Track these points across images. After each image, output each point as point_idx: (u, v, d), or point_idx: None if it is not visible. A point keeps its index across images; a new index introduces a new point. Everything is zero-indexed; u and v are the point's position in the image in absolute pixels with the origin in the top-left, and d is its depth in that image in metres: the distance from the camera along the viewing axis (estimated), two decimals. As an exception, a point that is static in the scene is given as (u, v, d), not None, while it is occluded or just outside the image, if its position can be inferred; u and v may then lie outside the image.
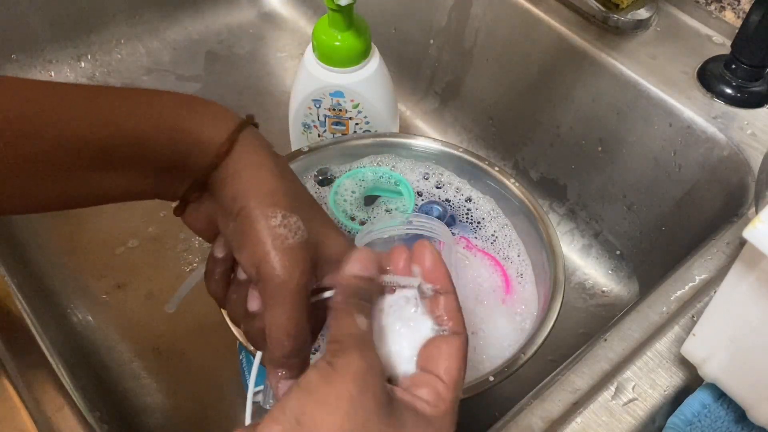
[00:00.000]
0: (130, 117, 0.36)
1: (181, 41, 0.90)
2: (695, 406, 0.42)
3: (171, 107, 0.37)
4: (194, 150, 0.36)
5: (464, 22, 0.76)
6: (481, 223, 0.59)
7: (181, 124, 0.36)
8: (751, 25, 0.58)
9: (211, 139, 0.36)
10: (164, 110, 0.37)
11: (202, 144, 0.36)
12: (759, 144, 0.59)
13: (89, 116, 0.35)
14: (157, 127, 0.36)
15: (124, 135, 0.35)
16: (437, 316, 0.35)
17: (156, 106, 0.37)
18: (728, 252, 0.52)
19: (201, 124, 0.37)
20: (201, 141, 0.36)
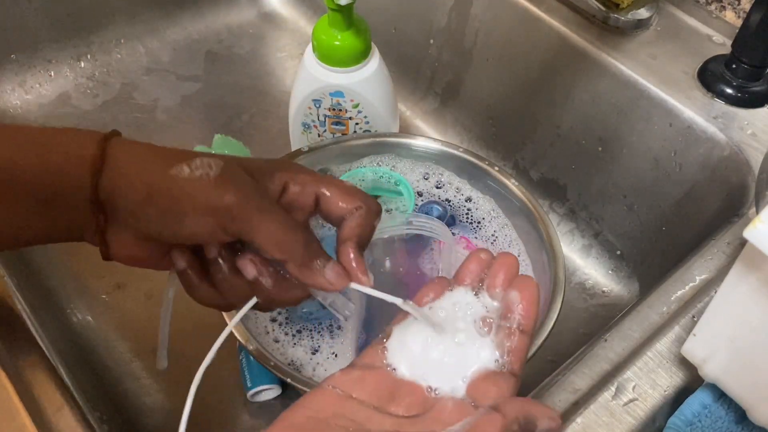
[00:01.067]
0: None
1: (181, 41, 0.90)
2: (695, 407, 0.42)
3: (35, 132, 0.36)
4: (68, 168, 0.35)
5: (464, 22, 0.76)
6: (481, 223, 0.59)
7: (48, 144, 0.35)
8: (751, 24, 0.58)
9: (82, 151, 0.35)
10: (29, 135, 0.36)
11: (74, 158, 0.35)
12: (759, 144, 0.59)
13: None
14: (24, 150, 0.35)
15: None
16: (504, 349, 0.35)
17: (20, 133, 0.36)
18: (728, 252, 0.51)
19: (68, 141, 0.36)
20: (72, 156, 0.35)
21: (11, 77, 0.82)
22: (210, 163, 0.35)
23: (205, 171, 0.35)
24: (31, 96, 0.82)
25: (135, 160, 0.36)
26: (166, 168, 0.35)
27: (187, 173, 0.35)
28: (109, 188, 0.35)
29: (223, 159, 0.36)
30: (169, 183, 0.35)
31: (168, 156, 0.36)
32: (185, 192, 0.34)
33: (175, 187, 0.35)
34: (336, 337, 0.52)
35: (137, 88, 0.85)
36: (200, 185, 0.34)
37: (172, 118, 0.82)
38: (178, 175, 0.35)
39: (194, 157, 0.35)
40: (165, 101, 0.84)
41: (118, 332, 0.65)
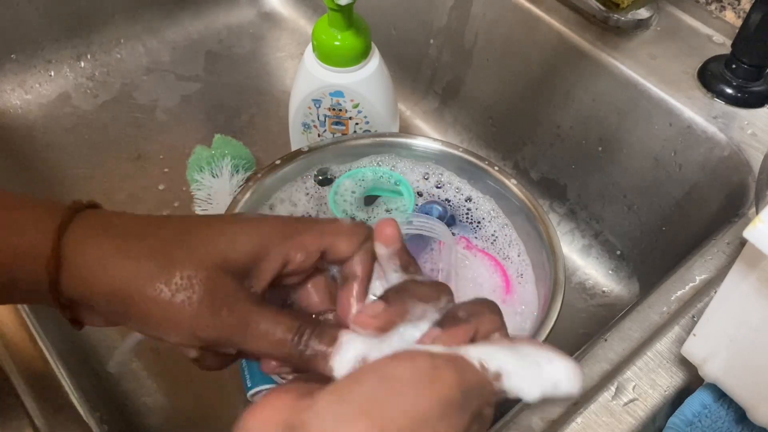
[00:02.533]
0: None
1: (181, 41, 0.90)
2: (696, 407, 0.42)
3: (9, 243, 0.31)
4: (19, 267, 0.31)
5: (464, 22, 0.76)
6: (481, 223, 0.59)
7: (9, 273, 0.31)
8: (751, 24, 0.58)
9: (33, 249, 0.31)
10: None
11: (24, 257, 0.31)
12: (759, 144, 0.59)
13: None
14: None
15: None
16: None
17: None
18: (729, 252, 0.51)
19: (20, 239, 0.31)
20: (21, 254, 0.31)
21: (11, 77, 0.82)
22: (192, 280, 0.31)
23: (188, 294, 0.30)
24: (31, 96, 0.82)
25: (98, 269, 0.31)
26: (140, 284, 0.30)
27: (168, 296, 0.30)
28: (74, 293, 0.32)
29: (206, 268, 0.31)
30: (146, 304, 0.31)
31: (140, 262, 0.31)
32: (165, 315, 0.31)
33: (153, 308, 0.31)
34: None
35: (137, 88, 0.85)
36: (183, 312, 0.30)
37: (172, 118, 0.82)
38: (157, 297, 0.30)
39: (170, 269, 0.31)
40: (165, 101, 0.84)
41: (118, 332, 0.64)
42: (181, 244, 0.32)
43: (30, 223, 0.32)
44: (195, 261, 0.31)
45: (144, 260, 0.31)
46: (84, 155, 0.77)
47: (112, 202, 0.73)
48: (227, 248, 0.32)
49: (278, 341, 0.31)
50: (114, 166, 0.77)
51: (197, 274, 0.31)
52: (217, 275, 0.31)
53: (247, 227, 0.33)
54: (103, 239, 0.32)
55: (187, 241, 0.32)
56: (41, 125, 0.80)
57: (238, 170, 0.71)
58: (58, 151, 0.78)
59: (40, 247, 0.31)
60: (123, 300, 0.31)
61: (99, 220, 0.33)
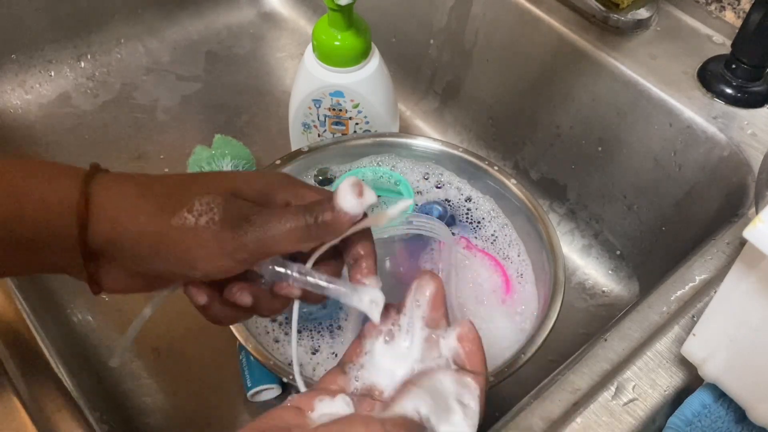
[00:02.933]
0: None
1: (181, 41, 0.90)
2: (695, 406, 0.42)
3: (5, 175, 0.33)
4: (47, 218, 0.33)
5: (464, 22, 0.76)
6: (481, 223, 0.59)
7: (20, 192, 0.33)
8: (751, 24, 0.58)
9: (61, 198, 0.33)
10: (4, 179, 0.33)
11: (54, 207, 0.32)
12: (759, 144, 0.59)
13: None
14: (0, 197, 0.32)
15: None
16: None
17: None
18: (728, 252, 0.51)
19: (43, 187, 0.33)
20: (50, 204, 0.33)
21: (11, 77, 0.82)
22: (210, 204, 0.33)
23: (210, 216, 0.33)
24: (31, 96, 0.82)
25: (126, 208, 0.33)
26: (166, 217, 0.33)
27: (192, 222, 0.33)
28: (101, 239, 0.33)
29: (221, 194, 0.34)
30: (173, 234, 0.33)
31: (161, 199, 0.34)
32: (194, 241, 0.33)
33: (181, 237, 0.33)
34: (336, 337, 0.52)
35: (137, 88, 0.85)
36: (208, 232, 0.33)
37: (172, 118, 0.82)
38: (183, 225, 0.33)
39: (190, 199, 0.33)
40: (165, 101, 0.84)
41: (118, 332, 0.65)
42: (196, 181, 0.35)
43: (57, 175, 0.33)
44: (211, 190, 0.34)
45: (166, 197, 0.34)
46: (84, 155, 0.77)
47: (112, 202, 0.73)
48: (239, 183, 0.35)
49: (293, 227, 0.34)
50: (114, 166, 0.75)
51: (214, 199, 0.34)
52: (233, 199, 0.34)
53: (255, 173, 0.37)
54: (127, 185, 0.34)
55: (202, 179, 0.35)
56: (41, 125, 0.80)
57: (238, 170, 0.71)
58: (58, 151, 0.78)
59: (69, 194, 0.33)
60: (151, 235, 0.33)
61: (118, 175, 0.35)
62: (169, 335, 0.64)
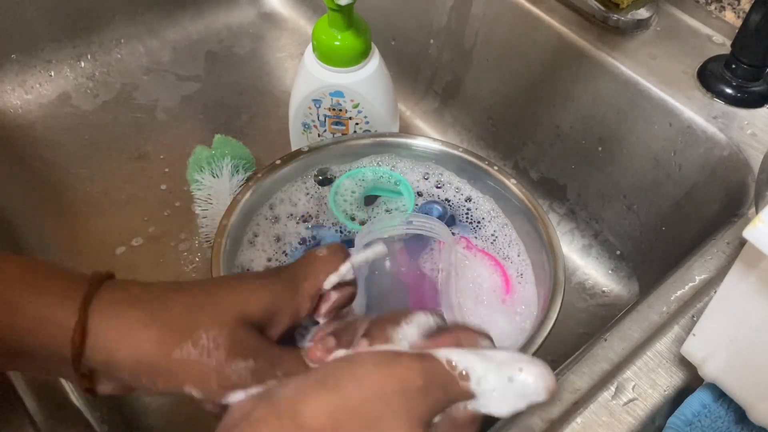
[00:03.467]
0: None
1: (181, 41, 0.90)
2: (695, 406, 0.42)
3: (9, 283, 0.32)
4: (41, 337, 0.32)
5: (464, 22, 0.76)
6: (481, 222, 0.59)
7: (21, 307, 0.32)
8: (751, 24, 0.58)
9: (59, 323, 0.32)
10: (2, 287, 0.32)
11: (51, 331, 0.32)
12: (759, 144, 0.59)
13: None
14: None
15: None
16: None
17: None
18: (728, 252, 0.52)
19: (44, 308, 0.32)
20: (48, 327, 0.32)
21: (11, 77, 0.82)
22: (217, 340, 0.33)
23: (215, 352, 0.32)
24: (31, 96, 0.82)
25: (125, 337, 0.32)
26: (167, 349, 0.32)
27: (196, 357, 0.32)
28: (97, 363, 0.33)
29: (228, 325, 0.33)
30: (173, 366, 0.32)
31: (165, 329, 0.33)
32: (194, 375, 0.32)
33: (181, 369, 0.32)
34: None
35: (137, 88, 0.85)
36: (210, 369, 0.32)
37: (172, 118, 0.82)
38: (186, 359, 0.32)
39: (196, 330, 0.33)
40: (165, 101, 0.84)
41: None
42: (202, 307, 0.34)
43: (55, 294, 0.33)
44: (217, 321, 0.33)
45: (170, 326, 0.33)
46: (84, 155, 0.77)
47: (112, 202, 0.73)
48: (245, 307, 0.35)
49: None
50: (114, 166, 0.77)
51: (221, 332, 0.33)
52: (240, 330, 0.34)
53: (258, 289, 0.36)
54: (127, 310, 0.33)
55: (208, 305, 0.34)
56: (41, 125, 0.80)
57: (238, 170, 0.71)
58: (58, 151, 0.78)
59: (65, 318, 0.32)
60: (149, 366, 0.32)
61: (121, 291, 0.34)
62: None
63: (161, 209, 0.73)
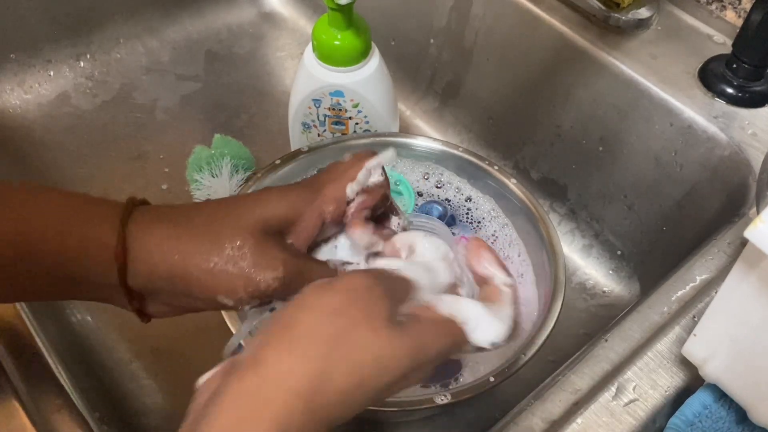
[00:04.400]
0: (9, 222, 0.33)
1: (180, 41, 0.90)
2: (696, 407, 0.42)
3: (55, 212, 0.35)
4: (89, 258, 0.34)
5: (464, 22, 0.76)
6: (481, 222, 0.59)
7: (68, 231, 0.34)
8: (752, 24, 0.58)
9: (101, 239, 0.34)
10: (46, 213, 0.34)
11: (94, 248, 0.34)
12: (760, 144, 0.59)
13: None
14: (41, 232, 0.34)
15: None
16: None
17: (42, 210, 0.35)
18: (729, 252, 0.51)
19: (88, 231, 0.34)
20: (91, 244, 0.34)
21: (11, 77, 0.82)
22: (243, 248, 0.35)
23: (240, 261, 0.35)
24: (30, 96, 0.82)
25: (159, 250, 0.35)
26: (196, 261, 0.34)
27: (222, 266, 0.34)
28: (140, 280, 0.35)
29: (252, 234, 0.35)
30: (204, 277, 0.34)
31: (193, 241, 0.35)
32: (222, 283, 0.35)
33: (212, 279, 0.35)
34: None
35: (137, 88, 0.85)
36: (238, 278, 0.34)
37: (171, 117, 0.82)
38: (213, 269, 0.34)
39: (221, 241, 0.35)
40: (165, 101, 0.84)
41: (118, 332, 0.64)
42: (225, 219, 0.36)
43: (97, 218, 0.35)
44: (240, 231, 0.35)
45: (195, 240, 0.35)
46: (84, 155, 0.77)
47: (111, 202, 0.73)
48: (264, 213, 0.36)
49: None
50: (114, 166, 0.77)
51: (245, 242, 0.35)
52: (263, 239, 0.35)
53: (276, 195, 0.38)
54: (157, 226, 0.35)
55: (229, 216, 0.36)
56: (41, 125, 0.80)
57: (237, 170, 0.70)
58: (57, 151, 0.78)
59: (107, 237, 0.34)
60: (183, 278, 0.35)
61: (151, 212, 0.36)
62: (168, 335, 0.64)
63: (161, 209, 0.73)
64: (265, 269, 0.35)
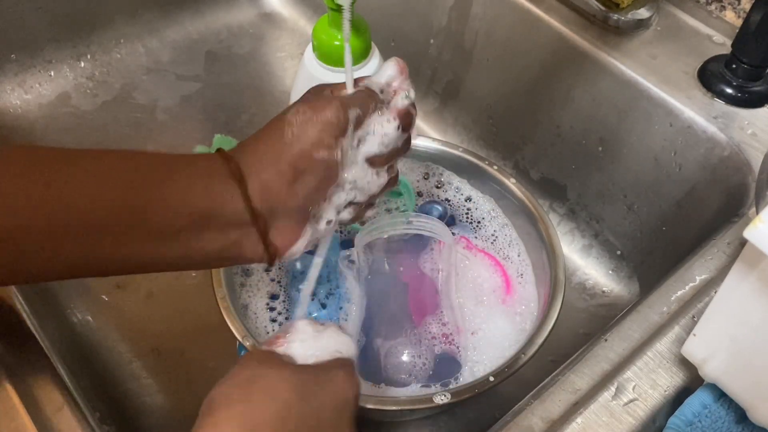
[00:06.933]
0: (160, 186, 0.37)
1: (181, 41, 0.90)
2: (696, 407, 0.42)
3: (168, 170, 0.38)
4: (214, 189, 0.38)
5: (464, 22, 0.76)
6: (481, 222, 0.59)
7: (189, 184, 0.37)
8: (751, 24, 0.58)
9: (218, 168, 0.38)
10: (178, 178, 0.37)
11: (217, 177, 0.38)
12: (759, 144, 0.59)
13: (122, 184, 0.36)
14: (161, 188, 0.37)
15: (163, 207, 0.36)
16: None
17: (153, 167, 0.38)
18: (729, 252, 0.51)
19: (203, 177, 0.38)
20: (215, 175, 0.38)
21: (11, 77, 0.82)
22: (297, 111, 0.40)
23: (308, 118, 0.39)
24: (30, 96, 0.82)
25: (259, 152, 0.39)
26: (282, 138, 0.39)
27: (298, 130, 0.39)
28: (259, 191, 0.38)
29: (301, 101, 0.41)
30: (297, 145, 0.39)
31: (274, 133, 0.40)
32: (311, 141, 0.39)
33: (302, 144, 0.39)
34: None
35: (137, 88, 0.85)
36: (316, 127, 0.39)
37: (172, 118, 0.82)
38: (294, 135, 0.39)
39: (285, 118, 0.40)
40: (165, 101, 0.84)
41: (118, 332, 0.64)
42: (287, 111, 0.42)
43: (203, 166, 0.38)
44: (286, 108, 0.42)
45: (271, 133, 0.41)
46: (84, 155, 0.77)
47: (112, 202, 0.73)
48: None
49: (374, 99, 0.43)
50: (114, 166, 0.77)
51: (296, 106, 0.41)
52: (306, 98, 0.42)
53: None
54: (245, 144, 0.41)
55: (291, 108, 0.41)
56: (41, 125, 0.80)
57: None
58: (58, 151, 0.78)
59: (222, 167, 0.38)
60: (283, 158, 0.39)
61: (238, 146, 0.41)
62: (169, 335, 0.64)
63: (161, 209, 0.73)
64: (325, 109, 0.39)
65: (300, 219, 0.40)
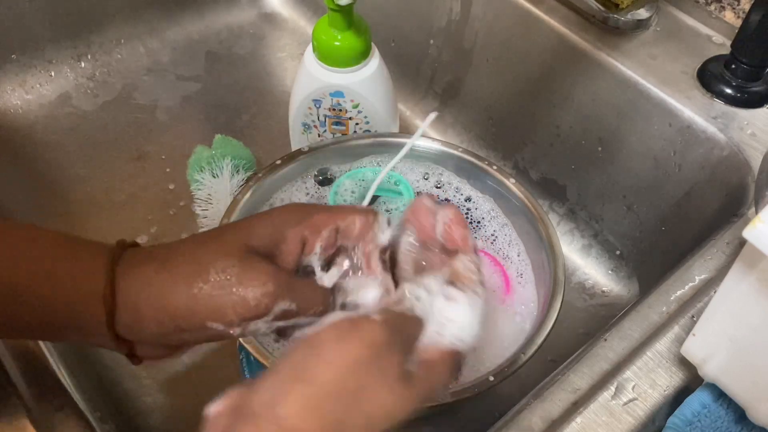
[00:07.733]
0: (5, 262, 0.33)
1: (181, 41, 0.90)
2: (695, 406, 0.42)
3: (46, 253, 0.34)
4: (79, 303, 0.34)
5: (464, 22, 0.76)
6: (480, 222, 0.59)
7: (54, 273, 0.34)
8: (751, 24, 0.58)
9: (91, 285, 0.34)
10: (39, 258, 0.34)
11: (84, 294, 0.34)
12: (759, 144, 0.59)
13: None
14: (32, 278, 0.33)
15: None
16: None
17: (31, 252, 0.34)
18: (728, 252, 0.52)
19: (74, 270, 0.34)
20: (81, 291, 0.34)
21: (11, 77, 0.82)
22: (227, 270, 0.34)
23: (227, 284, 0.34)
24: (31, 96, 0.82)
25: (144, 289, 0.34)
26: (182, 289, 0.34)
27: (207, 291, 0.34)
28: (128, 327, 0.34)
29: (235, 256, 0.35)
30: (192, 302, 0.34)
31: (177, 272, 0.34)
32: (209, 309, 0.34)
33: (196, 306, 0.34)
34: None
35: (137, 88, 0.85)
36: (224, 301, 0.34)
37: (172, 118, 0.82)
38: (199, 293, 0.34)
39: (206, 267, 0.34)
40: (165, 101, 0.84)
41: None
42: (209, 246, 0.35)
43: (86, 261, 0.34)
44: (221, 254, 0.35)
45: (179, 270, 0.34)
46: (84, 155, 0.77)
47: (112, 202, 0.73)
48: (248, 237, 0.36)
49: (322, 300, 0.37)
50: (114, 166, 0.77)
51: (228, 264, 0.34)
52: (247, 259, 0.35)
53: (263, 217, 0.37)
54: (145, 265, 0.35)
55: (213, 242, 0.36)
56: (41, 125, 0.80)
57: (238, 170, 0.71)
58: (58, 151, 0.78)
59: (96, 283, 0.34)
60: (168, 312, 0.34)
61: (140, 253, 0.36)
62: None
63: (162, 209, 0.73)
64: (252, 286, 0.34)
65: (171, 350, 0.38)
